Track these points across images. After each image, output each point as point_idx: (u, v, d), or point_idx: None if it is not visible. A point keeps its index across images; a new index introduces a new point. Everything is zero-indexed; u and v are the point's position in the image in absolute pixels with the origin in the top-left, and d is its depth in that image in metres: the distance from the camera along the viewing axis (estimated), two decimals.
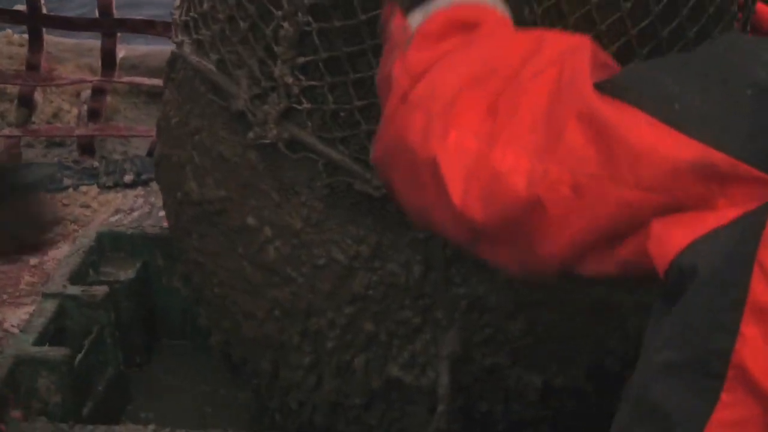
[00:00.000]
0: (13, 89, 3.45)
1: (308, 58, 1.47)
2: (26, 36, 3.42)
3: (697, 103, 0.97)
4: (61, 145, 3.21)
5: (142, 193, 2.70)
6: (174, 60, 1.80)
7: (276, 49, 1.52)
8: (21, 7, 3.33)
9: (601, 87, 1.04)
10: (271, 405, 1.87)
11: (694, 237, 0.93)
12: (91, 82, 3.37)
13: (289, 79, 1.49)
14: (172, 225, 1.85)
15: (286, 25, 1.48)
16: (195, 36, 1.69)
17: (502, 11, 1.23)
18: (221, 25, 1.60)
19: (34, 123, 3.28)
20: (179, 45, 1.72)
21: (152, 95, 3.32)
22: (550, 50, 1.13)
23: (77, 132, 3.29)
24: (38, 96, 3.27)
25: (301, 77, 1.50)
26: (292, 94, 1.50)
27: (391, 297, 1.63)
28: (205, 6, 1.64)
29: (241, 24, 1.56)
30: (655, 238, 0.96)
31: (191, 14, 1.71)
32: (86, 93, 3.39)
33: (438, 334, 1.65)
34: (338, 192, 1.58)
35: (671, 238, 0.95)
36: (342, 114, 1.50)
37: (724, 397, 0.89)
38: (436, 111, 1.11)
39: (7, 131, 3.35)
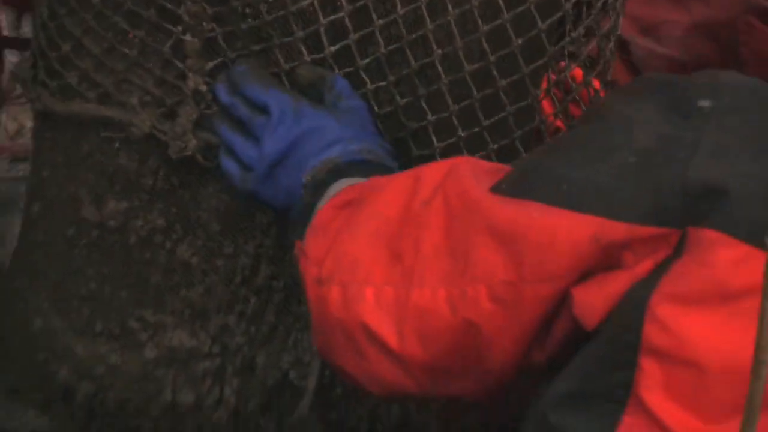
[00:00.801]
0: None
1: (216, 61, 1.49)
2: None
3: (585, 179, 1.01)
4: (25, 160, 3.22)
5: None
6: (39, 119, 1.75)
7: (184, 62, 1.50)
8: None
9: (496, 190, 1.09)
10: None
11: (611, 296, 0.98)
12: None
13: (202, 87, 1.50)
14: (56, 274, 1.73)
15: (189, 37, 1.47)
16: (56, 81, 1.62)
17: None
18: (94, 59, 1.56)
19: None
20: (36, 99, 1.66)
21: None
22: (429, 180, 1.16)
23: None
24: (2, 115, 3.32)
25: (211, 82, 1.50)
26: (204, 100, 1.51)
27: (288, 291, 1.64)
28: (65, 48, 1.59)
29: (127, 51, 1.53)
30: (578, 305, 1.00)
31: (43, 63, 1.64)
32: None
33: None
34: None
35: (592, 301, 0.99)
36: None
37: (627, 419, 0.95)
38: (347, 279, 1.15)
39: None
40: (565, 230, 0.99)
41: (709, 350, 0.92)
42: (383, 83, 1.43)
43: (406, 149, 1.46)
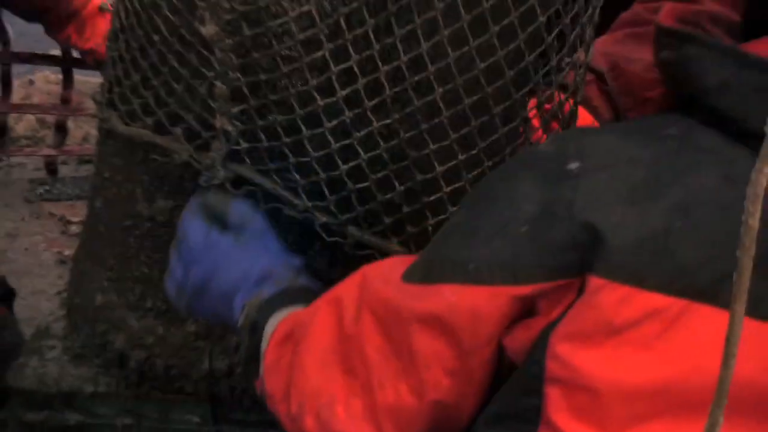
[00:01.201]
0: (50, 118, 3.61)
1: (241, 107, 1.49)
2: (60, 76, 3.49)
3: (489, 257, 1.00)
4: (89, 162, 3.24)
5: None
6: (103, 134, 1.76)
7: (211, 104, 1.50)
8: (56, 52, 3.40)
9: (409, 279, 1.09)
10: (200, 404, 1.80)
11: (531, 338, 0.99)
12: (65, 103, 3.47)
13: (228, 127, 1.50)
14: (116, 260, 1.75)
15: (218, 83, 1.47)
16: (124, 107, 1.64)
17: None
18: (154, 90, 1.57)
19: (67, 145, 3.39)
20: (106, 120, 1.67)
21: None
22: (348, 300, 1.16)
23: None
24: (71, 123, 3.35)
25: (237, 124, 1.50)
26: (232, 139, 1.51)
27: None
28: (136, 78, 1.60)
29: (175, 86, 1.53)
30: (509, 350, 1.02)
31: (117, 90, 1.65)
32: None
33: None
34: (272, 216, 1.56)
35: (518, 345, 1.01)
36: (273, 151, 1.50)
37: None
38: (315, 406, 1.14)
39: (46, 151, 3.52)
40: (485, 303, 1.00)
41: (602, 377, 0.93)
42: (388, 121, 1.43)
43: (409, 175, 1.45)
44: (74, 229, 2.96)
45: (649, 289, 0.91)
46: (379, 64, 1.40)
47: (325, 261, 1.63)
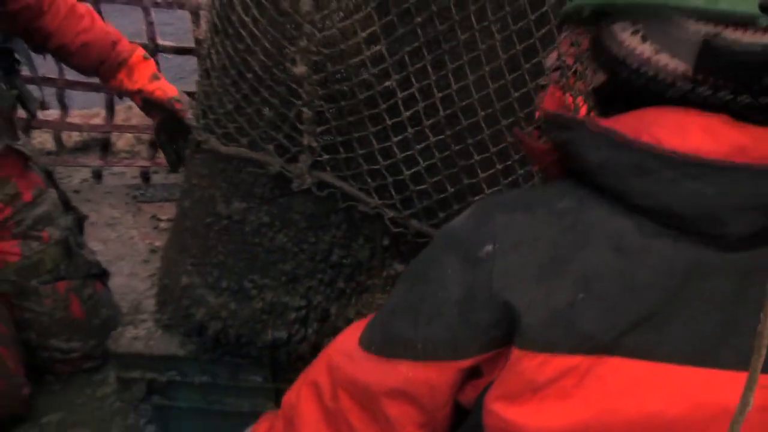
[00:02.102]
0: (145, 136, 3.53)
1: (324, 128, 1.53)
2: None
3: (433, 338, 0.98)
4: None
5: None
6: (194, 150, 1.76)
7: (301, 126, 1.53)
8: None
9: (367, 348, 1.07)
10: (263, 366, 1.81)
11: (476, 395, 0.99)
12: None
13: (314, 144, 1.54)
14: (198, 249, 1.76)
15: (304, 109, 1.51)
16: (220, 130, 1.65)
17: None
18: (248, 114, 1.60)
19: (158, 157, 3.31)
20: (205, 142, 1.68)
21: None
22: (323, 382, 1.13)
23: None
24: None
25: (320, 140, 1.54)
26: (316, 152, 1.55)
27: (353, 268, 1.67)
28: (229, 107, 1.62)
29: (267, 113, 1.57)
30: (464, 404, 1.02)
31: (212, 116, 1.67)
32: None
33: (373, 296, 1.70)
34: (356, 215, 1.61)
35: (468, 400, 1.01)
36: (350, 160, 1.55)
37: None
38: None
39: (141, 162, 3.63)
40: (435, 376, 0.99)
41: (531, 425, 0.91)
42: (442, 136, 1.48)
43: (458, 179, 1.51)
44: (163, 225, 2.97)
45: (561, 353, 0.90)
46: (435, 91, 1.44)
47: (366, 253, 1.66)
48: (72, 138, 3.51)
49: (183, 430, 1.93)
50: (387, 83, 1.47)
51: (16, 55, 2.30)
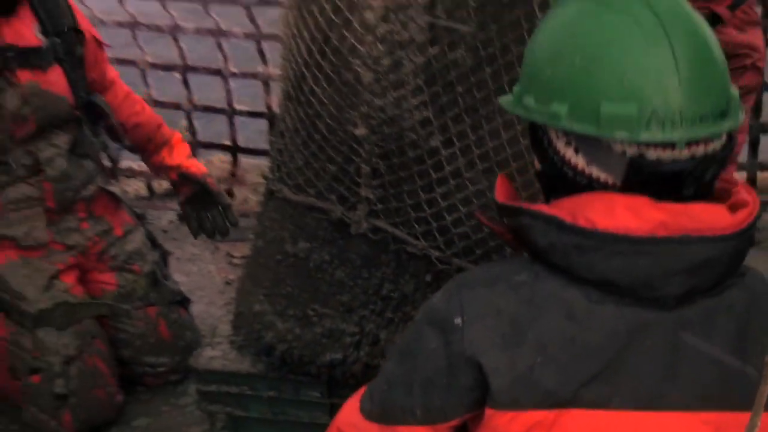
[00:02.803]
0: (223, 185, 3.47)
1: (379, 181, 1.55)
2: (230, 158, 3.40)
3: (425, 406, 0.99)
4: (247, 216, 3.09)
5: None
6: (268, 198, 1.78)
7: (359, 180, 1.56)
8: (228, 142, 3.34)
9: (367, 416, 1.07)
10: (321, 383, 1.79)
11: None
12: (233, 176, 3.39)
13: (370, 195, 1.56)
14: (269, 282, 1.76)
15: (363, 165, 1.54)
16: (292, 182, 1.67)
17: None
18: (315, 169, 1.62)
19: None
20: (278, 191, 1.70)
21: None
22: None
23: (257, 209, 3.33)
24: (235, 190, 3.36)
25: (376, 192, 1.56)
26: (372, 202, 1.57)
27: (399, 300, 1.66)
28: (300, 162, 1.64)
29: (331, 169, 1.60)
30: None
31: (284, 170, 1.69)
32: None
33: None
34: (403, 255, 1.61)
35: None
36: (400, 209, 1.56)
37: None
38: None
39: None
40: None
41: None
42: (480, 186, 1.50)
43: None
44: (235, 261, 2.96)
45: (527, 409, 0.91)
46: (474, 149, 1.48)
47: (411, 287, 1.66)
48: (162, 186, 3.53)
49: None
50: (433, 143, 1.49)
51: (100, 108, 2.33)
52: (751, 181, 3.12)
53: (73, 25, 2.22)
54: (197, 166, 2.47)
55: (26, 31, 2.13)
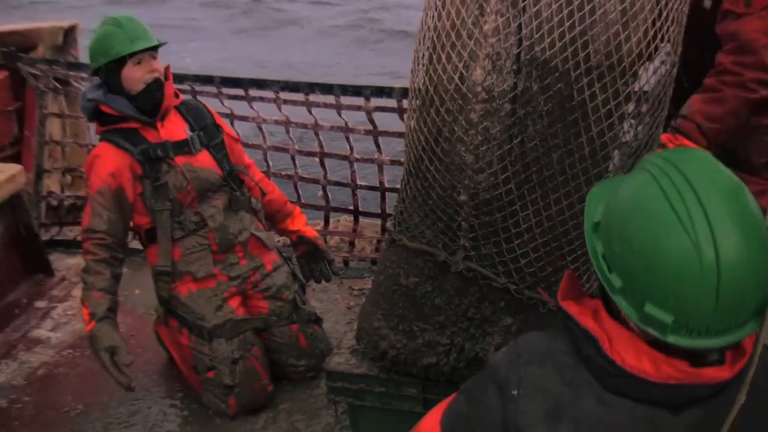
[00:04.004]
0: (345, 237, 3.43)
1: (473, 234, 1.55)
2: (352, 218, 3.33)
3: None
4: (363, 260, 3.22)
5: None
6: (390, 245, 1.76)
7: (459, 233, 1.56)
8: (351, 207, 3.28)
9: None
10: (419, 382, 1.75)
11: None
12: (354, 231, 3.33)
13: (467, 244, 1.57)
14: (386, 305, 1.74)
15: (462, 222, 1.54)
16: (409, 234, 1.67)
17: None
18: (429, 224, 1.61)
19: (354, 250, 3.29)
20: (399, 240, 1.68)
21: None
22: None
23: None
24: (357, 242, 3.30)
25: (471, 242, 1.56)
26: (467, 249, 1.57)
27: (481, 320, 1.65)
28: (416, 220, 1.63)
29: (439, 225, 1.60)
30: None
31: (404, 225, 1.69)
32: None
33: (493, 338, 1.66)
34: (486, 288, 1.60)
35: None
36: (488, 255, 1.56)
37: None
38: None
39: (344, 254, 3.29)
40: None
41: None
42: (546, 238, 1.50)
43: (555, 264, 1.52)
44: (355, 292, 2.96)
45: None
46: (542, 211, 1.49)
47: (489, 311, 1.66)
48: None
49: (365, 421, 1.92)
50: (512, 208, 1.52)
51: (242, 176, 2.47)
52: None
53: (212, 122, 2.40)
54: (311, 231, 2.58)
55: (177, 129, 2.32)
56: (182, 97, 2.36)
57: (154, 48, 2.19)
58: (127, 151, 2.19)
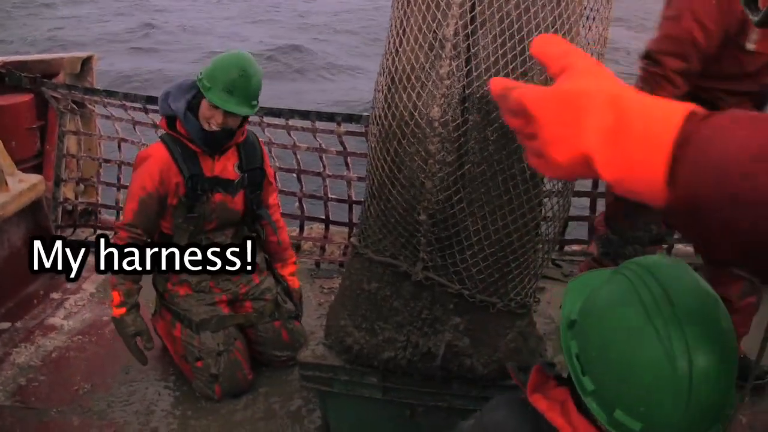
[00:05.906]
0: (317, 243, 3.33)
1: (431, 248, 1.46)
2: (323, 226, 3.14)
3: None
4: (335, 262, 3.02)
5: None
6: (354, 255, 1.64)
7: (419, 247, 1.47)
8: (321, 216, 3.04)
9: None
10: (378, 372, 1.65)
11: None
12: (325, 238, 3.08)
13: (425, 257, 1.47)
14: (351, 306, 1.64)
15: (422, 238, 1.45)
16: (374, 247, 1.57)
17: None
18: (391, 239, 1.53)
19: (324, 255, 3.09)
20: (364, 253, 1.58)
21: None
22: None
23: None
24: (327, 247, 3.10)
25: (429, 255, 1.47)
26: (426, 261, 1.48)
27: (433, 320, 1.56)
28: (380, 236, 1.55)
29: (401, 240, 1.50)
30: None
31: (369, 240, 1.58)
32: None
33: (444, 335, 1.56)
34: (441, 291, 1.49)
35: None
36: (444, 265, 1.47)
37: None
38: None
39: (315, 257, 3.10)
40: None
41: None
42: (494, 249, 1.42)
43: (501, 270, 1.43)
44: (326, 290, 2.84)
45: None
46: (490, 227, 1.40)
47: (440, 312, 1.53)
48: None
49: (333, 404, 1.83)
50: (465, 224, 1.42)
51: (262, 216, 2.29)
52: None
53: (260, 165, 2.19)
54: (294, 281, 2.35)
55: (229, 166, 2.11)
56: (246, 133, 2.10)
57: (243, 117, 1.97)
58: (179, 170, 1.99)
